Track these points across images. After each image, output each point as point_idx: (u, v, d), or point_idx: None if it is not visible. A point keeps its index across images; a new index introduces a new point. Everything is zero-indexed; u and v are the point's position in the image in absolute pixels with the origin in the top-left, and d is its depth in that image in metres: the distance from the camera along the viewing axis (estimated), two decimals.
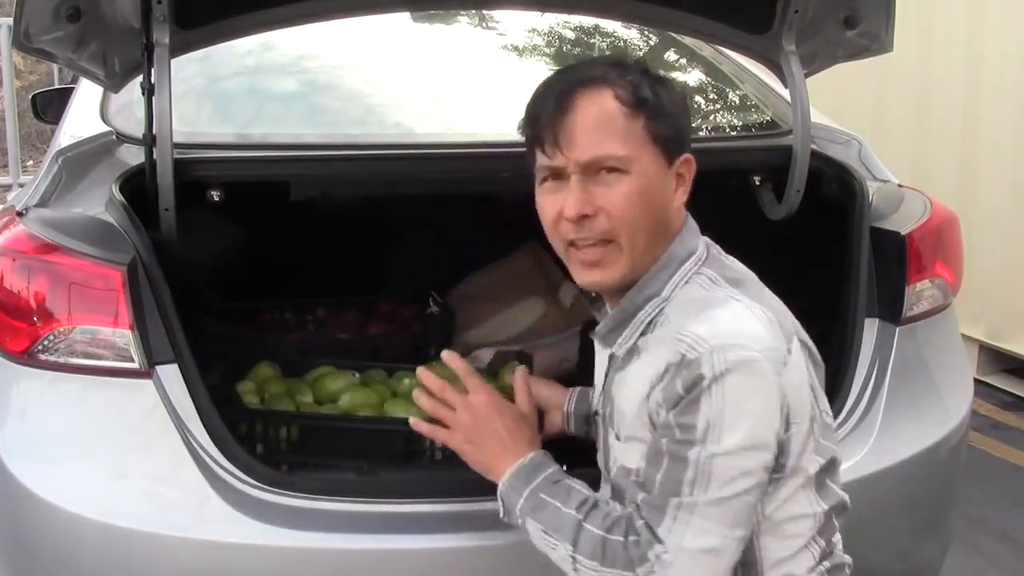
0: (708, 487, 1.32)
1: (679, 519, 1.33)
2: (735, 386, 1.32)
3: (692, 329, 1.35)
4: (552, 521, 1.44)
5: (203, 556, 1.76)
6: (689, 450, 1.32)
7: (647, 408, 1.39)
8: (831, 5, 2.15)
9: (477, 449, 1.58)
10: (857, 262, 2.16)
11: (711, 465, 1.32)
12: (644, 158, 1.42)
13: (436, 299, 2.82)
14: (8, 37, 6.35)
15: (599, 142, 1.41)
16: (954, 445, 2.16)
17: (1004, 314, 4.53)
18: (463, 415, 1.59)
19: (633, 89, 1.42)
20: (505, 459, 1.54)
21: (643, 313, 1.45)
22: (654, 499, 1.36)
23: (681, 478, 1.33)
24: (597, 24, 3.10)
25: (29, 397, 1.87)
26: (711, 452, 1.32)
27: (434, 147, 2.39)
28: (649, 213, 1.43)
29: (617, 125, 1.41)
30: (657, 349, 1.39)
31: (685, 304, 1.42)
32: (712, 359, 1.32)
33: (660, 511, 1.34)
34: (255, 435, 2.06)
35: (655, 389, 1.37)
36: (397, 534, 1.80)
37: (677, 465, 1.33)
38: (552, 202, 1.48)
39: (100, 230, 1.93)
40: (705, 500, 1.32)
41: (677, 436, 1.34)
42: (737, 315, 1.38)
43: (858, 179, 2.29)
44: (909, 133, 5.01)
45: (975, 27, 4.62)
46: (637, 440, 1.42)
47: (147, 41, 1.98)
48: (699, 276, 1.45)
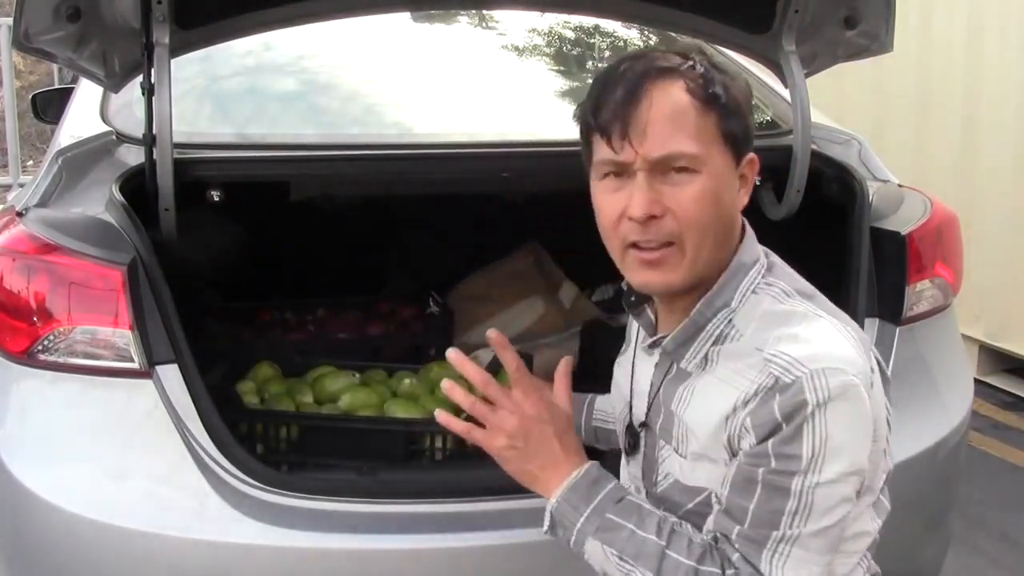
0: (810, 518, 1.25)
1: (779, 551, 1.26)
2: (838, 413, 1.25)
3: (783, 349, 1.27)
4: (629, 547, 1.31)
5: (203, 556, 1.76)
6: (791, 481, 1.25)
7: (727, 429, 1.30)
8: (831, 5, 2.15)
9: (522, 456, 1.38)
10: (857, 262, 2.16)
11: (813, 495, 1.25)
12: (715, 157, 1.32)
13: (436, 299, 2.83)
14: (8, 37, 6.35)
15: (672, 138, 1.30)
16: (954, 445, 2.16)
17: (1004, 314, 4.53)
18: (509, 417, 1.39)
19: (705, 83, 1.32)
20: (557, 470, 1.37)
21: (712, 325, 1.36)
22: (750, 531, 1.27)
23: (782, 509, 1.25)
24: (597, 24, 3.10)
25: (29, 397, 1.87)
26: (814, 482, 1.25)
27: (434, 147, 2.39)
28: (718, 216, 1.33)
29: (689, 120, 1.30)
30: (737, 366, 1.32)
31: (760, 317, 1.34)
32: (814, 385, 1.24)
33: (758, 544, 1.27)
34: (255, 435, 2.07)
35: (740, 412, 1.28)
36: (397, 534, 1.80)
37: (776, 496, 1.26)
38: (614, 200, 1.35)
39: (100, 230, 1.93)
40: (807, 532, 1.26)
41: (775, 466, 1.25)
42: (828, 334, 1.31)
43: (858, 179, 2.29)
44: (909, 133, 5.01)
45: (975, 27, 4.62)
46: (708, 460, 1.34)
47: (147, 41, 1.98)
48: (769, 287, 1.37)
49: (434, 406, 2.19)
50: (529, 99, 2.75)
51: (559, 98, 2.84)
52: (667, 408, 1.41)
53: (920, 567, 2.22)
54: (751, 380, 1.28)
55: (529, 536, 1.79)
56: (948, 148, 4.77)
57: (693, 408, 1.36)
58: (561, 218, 2.84)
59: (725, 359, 1.34)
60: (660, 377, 1.44)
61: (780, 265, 1.43)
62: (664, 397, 1.42)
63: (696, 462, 1.36)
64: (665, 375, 1.43)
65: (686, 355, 1.39)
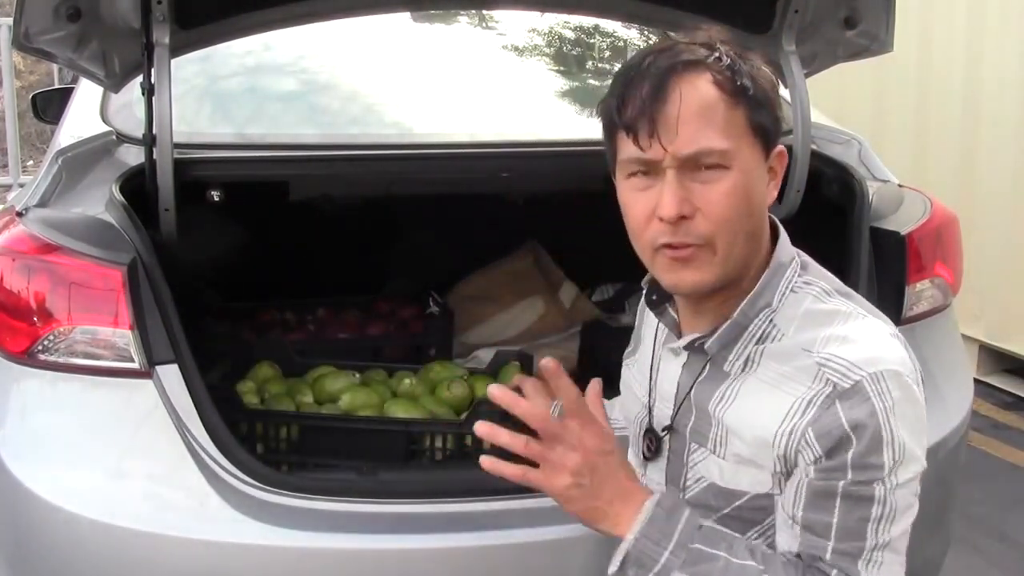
0: (895, 521, 1.24)
1: (873, 560, 1.24)
2: (904, 416, 1.23)
3: (835, 352, 1.25)
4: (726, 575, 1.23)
5: (203, 556, 1.76)
6: (872, 489, 1.23)
7: (781, 438, 1.26)
8: (831, 5, 2.15)
9: (590, 494, 1.24)
10: (857, 262, 2.16)
11: (895, 499, 1.23)
12: (745, 151, 1.27)
13: (436, 299, 2.83)
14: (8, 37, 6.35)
15: (701, 133, 1.25)
16: (954, 445, 2.16)
17: (1004, 314, 4.53)
18: (570, 453, 1.24)
19: (733, 75, 1.27)
20: (626, 503, 1.25)
21: (754, 325, 1.32)
22: (841, 545, 1.24)
23: (867, 517, 1.23)
24: (597, 24, 3.10)
25: (29, 397, 1.87)
26: (894, 485, 1.23)
27: (434, 147, 2.39)
28: (749, 213, 1.29)
29: (719, 115, 1.26)
30: (784, 369, 1.28)
31: (803, 317, 1.31)
32: (878, 389, 1.22)
33: (852, 556, 1.24)
34: (255, 435, 2.07)
35: (798, 420, 1.25)
36: (397, 534, 1.80)
37: (860, 506, 1.23)
38: (642, 199, 1.29)
39: (100, 230, 1.93)
40: (895, 534, 1.24)
41: (854, 477, 1.22)
42: (877, 335, 1.28)
43: (858, 179, 2.30)
44: (909, 133, 5.00)
45: (975, 27, 4.62)
46: (754, 465, 1.30)
47: (147, 41, 1.98)
48: (809, 286, 1.34)
49: (434, 406, 2.20)
50: (529, 99, 2.75)
51: (559, 98, 2.84)
52: (700, 410, 1.36)
53: (920, 567, 2.21)
54: (805, 386, 1.25)
55: (529, 536, 1.79)
56: (948, 148, 4.77)
57: (737, 411, 1.32)
58: (561, 218, 2.85)
59: (769, 359, 1.31)
60: (691, 378, 1.39)
61: (813, 264, 1.40)
62: (697, 399, 1.37)
63: (739, 465, 1.32)
64: (698, 376, 1.38)
65: (729, 357, 1.34)
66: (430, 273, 3.00)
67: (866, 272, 2.15)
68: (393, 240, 3.05)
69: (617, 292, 3.00)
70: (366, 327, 2.79)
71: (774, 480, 1.29)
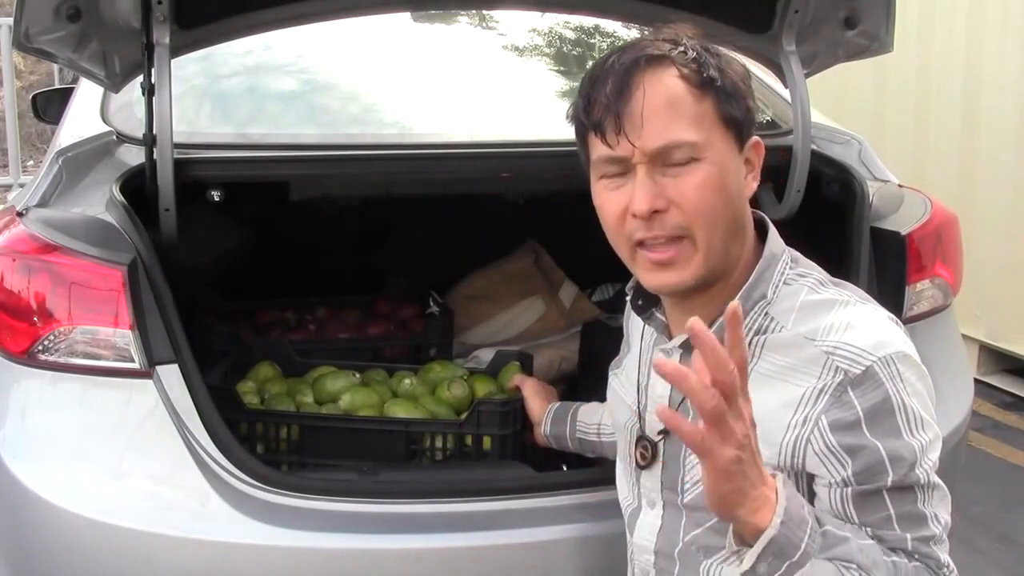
0: (936, 496, 1.26)
1: (938, 539, 1.27)
2: (919, 394, 1.24)
3: (841, 339, 1.24)
4: (861, 557, 1.20)
5: (203, 556, 1.76)
6: (914, 477, 1.23)
7: (791, 429, 1.25)
8: (831, 5, 2.15)
9: (743, 473, 1.11)
10: (857, 262, 2.16)
11: (930, 476, 1.25)
12: (717, 143, 1.27)
13: (436, 299, 2.83)
14: (8, 37, 6.35)
15: (669, 127, 1.25)
16: (954, 445, 2.16)
17: (1004, 314, 4.53)
18: (739, 424, 1.10)
19: (699, 67, 1.27)
20: (766, 487, 1.14)
21: (750, 319, 1.31)
22: (905, 533, 1.25)
23: (916, 500, 1.24)
24: (597, 24, 3.10)
25: (29, 397, 1.87)
26: (927, 466, 1.25)
27: (434, 147, 2.39)
28: (725, 204, 1.29)
29: (686, 107, 1.26)
30: (787, 360, 1.28)
31: (800, 308, 1.30)
32: (890, 373, 1.22)
33: (924, 541, 1.26)
34: (255, 435, 2.07)
35: (810, 411, 1.24)
36: (397, 534, 1.80)
37: (905, 495, 1.24)
38: (615, 198, 1.30)
39: (100, 230, 1.93)
40: (943, 508, 1.27)
41: (892, 468, 1.22)
42: (879, 320, 1.29)
43: (858, 179, 2.30)
44: (909, 133, 5.01)
45: (975, 27, 4.62)
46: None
47: (147, 41, 1.98)
48: (803, 278, 1.34)
49: (434, 406, 2.19)
50: (529, 99, 2.75)
51: (559, 98, 2.84)
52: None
53: None
54: (815, 376, 1.25)
55: (529, 536, 1.79)
56: (948, 148, 4.77)
57: None
58: (561, 218, 2.84)
59: (770, 352, 1.30)
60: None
61: (803, 258, 1.40)
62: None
63: None
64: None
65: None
66: (430, 273, 3.00)
67: (866, 272, 2.15)
68: (393, 240, 3.05)
69: (617, 292, 2.99)
70: (366, 327, 2.79)
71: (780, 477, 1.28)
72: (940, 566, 1.26)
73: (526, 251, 3.02)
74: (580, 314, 2.90)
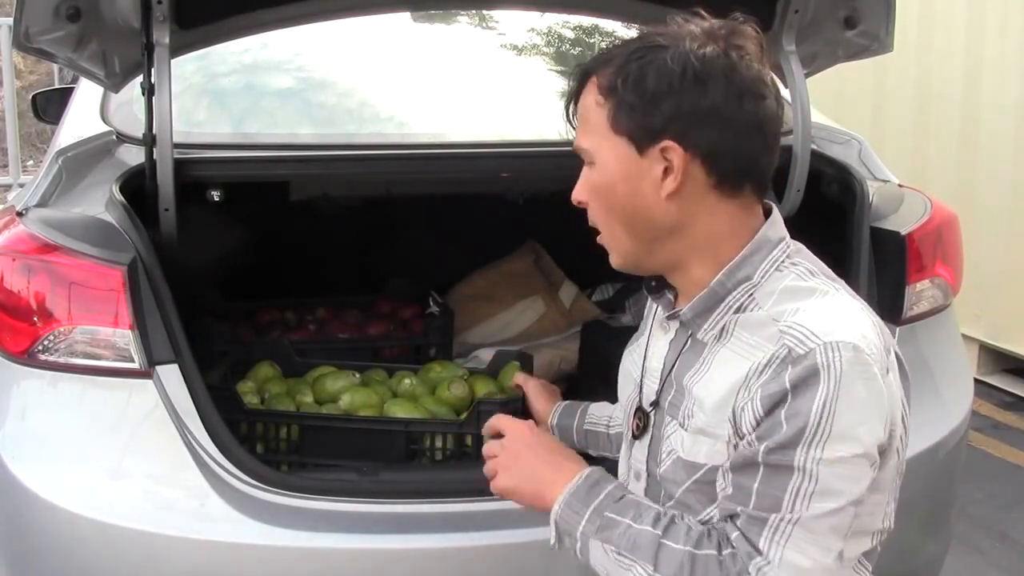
0: (814, 499, 1.22)
1: (781, 530, 1.22)
2: (848, 390, 1.22)
3: (798, 321, 1.26)
4: (624, 540, 1.31)
5: (203, 556, 1.76)
6: (793, 457, 1.21)
7: (734, 401, 1.27)
8: (831, 5, 2.15)
9: (519, 477, 1.46)
10: (857, 262, 2.16)
11: (818, 474, 1.21)
12: (604, 149, 1.36)
13: (436, 299, 2.83)
14: (8, 37, 6.35)
15: (578, 134, 1.41)
16: (954, 445, 2.16)
17: (1004, 314, 4.53)
18: (496, 451, 1.50)
19: (613, 76, 1.34)
20: (556, 481, 1.40)
21: (732, 297, 1.34)
22: (753, 511, 1.24)
23: (785, 487, 1.22)
24: (597, 24, 3.10)
25: (29, 397, 1.87)
26: (817, 457, 1.21)
27: (434, 147, 2.39)
28: (616, 206, 1.36)
29: (590, 115, 1.37)
30: (752, 338, 1.30)
31: (780, 292, 1.32)
32: (827, 357, 1.22)
33: (760, 522, 1.23)
34: (255, 435, 2.07)
35: (751, 382, 1.26)
36: (397, 534, 1.80)
37: (778, 474, 1.22)
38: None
39: (100, 230, 1.93)
40: (810, 513, 1.22)
41: (779, 440, 1.22)
42: (848, 311, 1.29)
43: (858, 179, 2.30)
44: (909, 133, 5.01)
45: (975, 27, 4.63)
46: (708, 436, 1.31)
47: (147, 41, 1.98)
48: (794, 266, 1.36)
49: (434, 406, 2.19)
50: (529, 99, 2.75)
51: (559, 98, 2.84)
52: (678, 383, 1.39)
53: (920, 567, 2.22)
54: (765, 351, 1.26)
55: (529, 536, 1.79)
56: (948, 148, 4.77)
57: (706, 381, 1.34)
58: (561, 218, 2.84)
59: (741, 329, 1.32)
60: (676, 352, 1.42)
61: (807, 251, 1.41)
62: (677, 372, 1.40)
63: (698, 435, 1.33)
64: (681, 349, 1.41)
65: (704, 326, 1.36)
66: (430, 273, 3.00)
67: (866, 272, 2.15)
68: (393, 240, 3.05)
69: (617, 292, 3.00)
70: (366, 327, 2.79)
71: (728, 450, 1.29)
72: (740, 554, 1.24)
73: (526, 251, 3.02)
74: (580, 314, 2.90)
